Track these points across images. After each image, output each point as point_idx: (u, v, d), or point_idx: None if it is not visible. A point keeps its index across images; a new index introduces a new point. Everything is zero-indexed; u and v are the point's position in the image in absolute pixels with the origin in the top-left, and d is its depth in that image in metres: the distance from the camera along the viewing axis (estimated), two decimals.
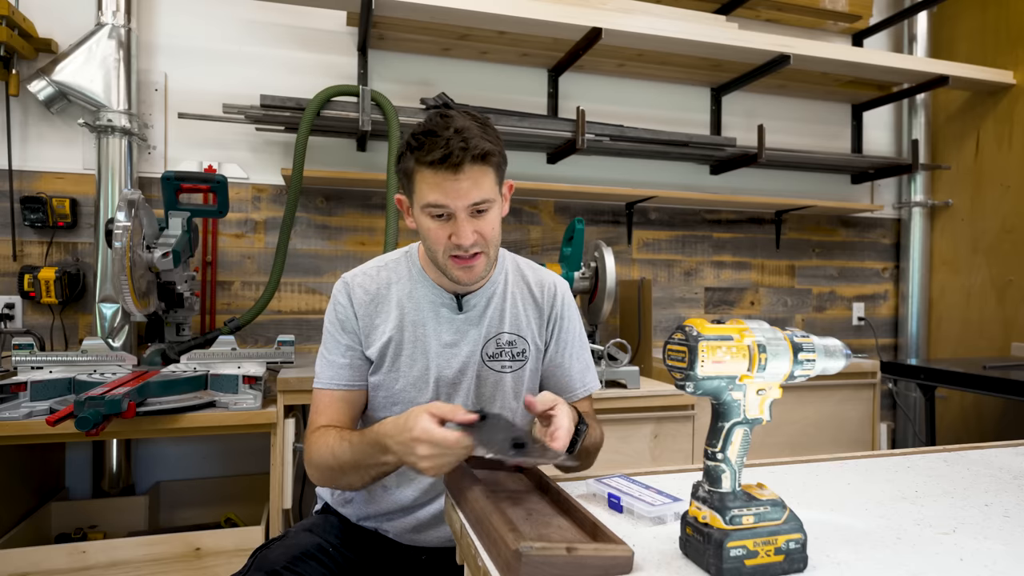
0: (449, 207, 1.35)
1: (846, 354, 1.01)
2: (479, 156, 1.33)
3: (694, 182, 3.78)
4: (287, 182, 2.91)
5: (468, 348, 1.54)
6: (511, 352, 1.57)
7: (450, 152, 1.30)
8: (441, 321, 1.53)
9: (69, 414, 1.84)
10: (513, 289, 1.60)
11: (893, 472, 1.44)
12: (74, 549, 2.04)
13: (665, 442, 2.68)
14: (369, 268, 1.58)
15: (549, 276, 1.67)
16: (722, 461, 0.93)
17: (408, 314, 1.53)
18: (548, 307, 1.62)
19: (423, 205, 1.37)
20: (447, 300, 1.53)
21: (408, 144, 1.37)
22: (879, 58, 3.53)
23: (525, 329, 1.59)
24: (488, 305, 1.56)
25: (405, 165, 1.39)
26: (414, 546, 1.58)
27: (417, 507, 1.56)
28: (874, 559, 0.96)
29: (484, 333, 1.55)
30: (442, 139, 1.31)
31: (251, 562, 1.41)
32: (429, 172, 1.34)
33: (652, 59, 3.39)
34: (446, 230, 1.38)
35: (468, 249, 1.38)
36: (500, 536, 0.91)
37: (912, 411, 4.06)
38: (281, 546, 1.45)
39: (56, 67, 2.72)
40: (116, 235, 2.22)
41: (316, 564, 1.44)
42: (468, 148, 1.31)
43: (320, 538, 1.52)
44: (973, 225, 3.90)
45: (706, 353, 0.90)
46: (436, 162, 1.31)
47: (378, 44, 3.19)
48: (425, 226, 1.41)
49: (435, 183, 1.34)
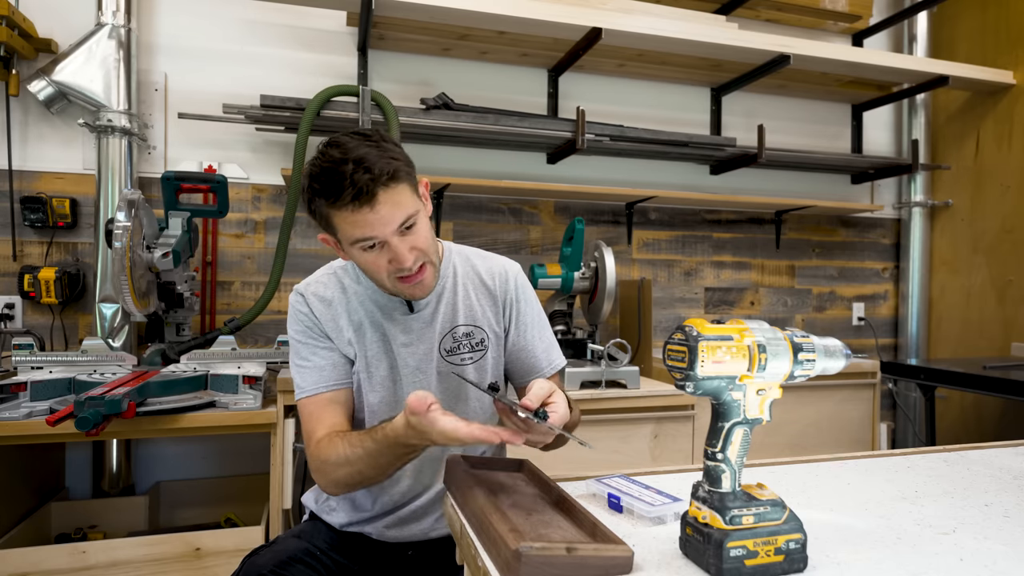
0: (378, 237, 1.31)
1: (846, 354, 1.01)
2: (388, 178, 1.28)
3: (694, 182, 3.77)
4: (287, 182, 2.91)
5: (424, 347, 1.53)
6: (469, 344, 1.56)
7: (359, 188, 1.25)
8: (395, 322, 1.53)
9: (69, 414, 1.84)
10: (464, 281, 1.59)
11: (893, 472, 1.44)
12: (74, 549, 2.04)
13: (665, 442, 2.68)
14: (320, 276, 1.57)
15: (499, 262, 1.66)
16: (722, 461, 0.93)
17: (365, 317, 1.52)
18: (502, 293, 1.61)
19: (352, 242, 1.33)
20: (397, 304, 1.52)
21: (312, 188, 1.30)
22: (879, 58, 3.53)
23: (481, 318, 1.58)
24: (439, 302, 1.55)
25: (318, 209, 1.33)
26: (399, 543, 1.58)
27: (399, 507, 1.57)
28: (874, 559, 0.96)
29: (439, 330, 1.54)
30: (345, 176, 1.25)
31: (241, 568, 1.42)
32: (347, 212, 1.28)
33: (652, 59, 3.39)
34: (384, 257, 1.35)
35: (411, 268, 1.35)
36: (500, 536, 0.91)
37: (912, 411, 4.06)
38: (269, 552, 1.46)
39: (56, 67, 2.72)
40: (116, 235, 2.22)
41: (303, 567, 1.44)
42: (375, 176, 1.26)
43: (308, 543, 1.53)
44: (973, 225, 3.90)
45: (706, 353, 0.90)
46: (348, 202, 1.26)
47: (378, 44, 3.19)
48: (362, 260, 1.37)
49: (355, 221, 1.29)
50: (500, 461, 1.36)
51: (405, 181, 1.33)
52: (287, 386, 2.32)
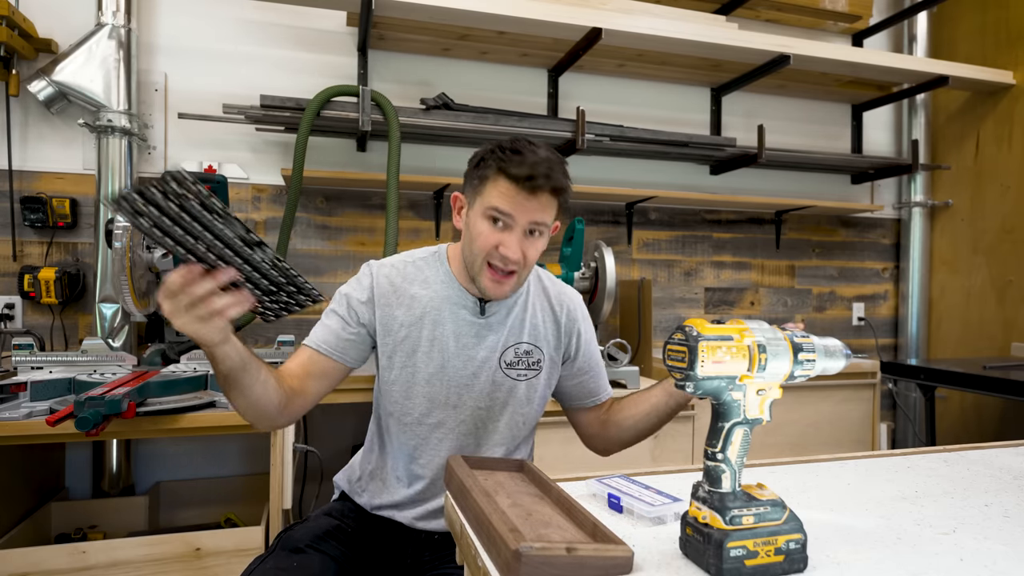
0: (513, 218, 1.41)
1: (846, 354, 1.01)
2: (556, 190, 1.42)
3: (694, 182, 3.78)
4: (287, 182, 2.91)
5: (485, 352, 1.57)
6: (528, 361, 1.61)
7: (535, 176, 1.38)
8: (460, 322, 1.56)
9: (69, 414, 1.84)
10: (534, 300, 1.65)
11: (893, 472, 1.44)
12: (74, 549, 2.04)
13: (665, 442, 2.68)
14: (396, 260, 1.62)
15: (568, 291, 1.74)
16: (722, 461, 0.93)
17: (429, 312, 1.56)
18: (567, 322, 1.68)
19: (487, 207, 1.43)
20: (470, 303, 1.57)
21: (493, 152, 1.43)
22: (879, 58, 3.53)
23: (543, 340, 1.64)
24: (510, 313, 1.60)
25: (483, 170, 1.44)
26: (426, 530, 1.62)
27: (427, 499, 1.61)
28: (874, 559, 0.96)
29: (504, 340, 1.59)
30: (529, 162, 1.38)
31: (277, 542, 1.51)
32: (506, 183, 1.40)
33: (652, 59, 3.39)
34: (496, 237, 1.43)
35: (509, 263, 1.43)
36: (500, 536, 0.91)
37: (912, 411, 4.06)
38: (303, 527, 1.55)
39: (56, 67, 2.71)
40: (116, 235, 2.22)
41: (335, 543, 1.53)
42: (551, 179, 1.39)
43: (339, 521, 1.61)
44: (973, 225, 3.90)
45: (706, 353, 0.90)
46: (520, 178, 1.38)
47: (378, 44, 3.19)
48: (478, 228, 1.45)
49: (508, 194, 1.40)
50: (500, 461, 1.36)
51: (559, 205, 1.46)
52: None
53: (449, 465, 1.27)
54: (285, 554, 1.44)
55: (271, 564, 1.41)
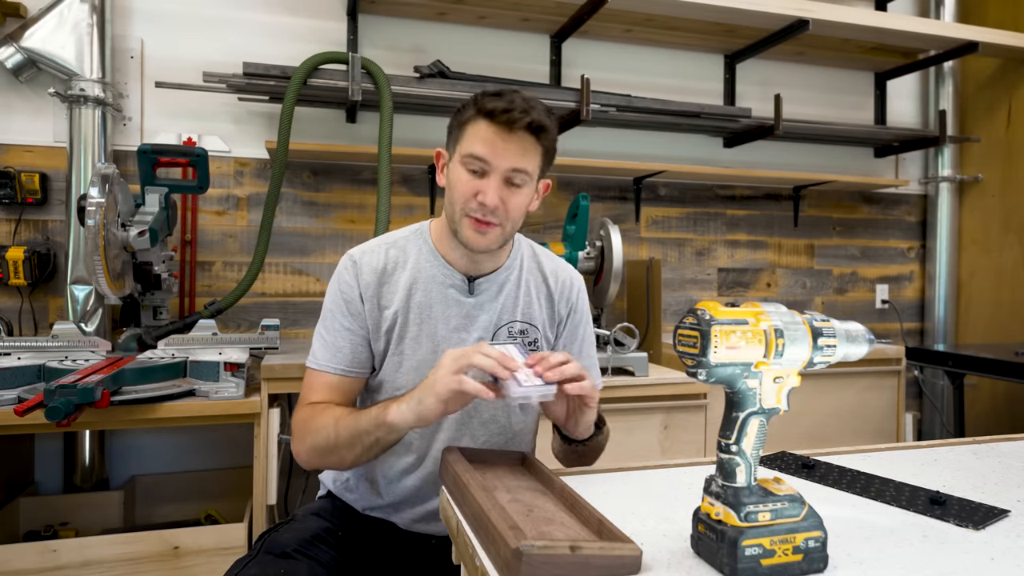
0: (490, 164, 1.41)
1: (869, 339, 1.01)
2: (535, 127, 1.41)
3: (706, 156, 3.76)
4: (271, 156, 2.90)
5: (477, 334, 1.56)
6: (523, 341, 1.60)
7: (511, 110, 1.39)
8: (449, 304, 1.56)
9: (39, 403, 1.84)
10: (527, 276, 1.64)
11: (919, 465, 1.43)
12: (44, 548, 2.05)
13: (675, 433, 2.68)
14: (376, 245, 1.60)
15: (566, 268, 1.72)
16: (737, 454, 0.93)
17: (415, 295, 1.55)
18: (562, 301, 1.67)
19: (464, 155, 1.43)
20: (458, 282, 1.56)
21: (473, 98, 1.46)
22: (904, 23, 3.50)
23: (537, 318, 1.63)
24: (501, 291, 1.59)
25: (461, 117, 1.46)
26: (425, 534, 1.61)
27: (424, 498, 1.59)
28: (899, 559, 0.96)
29: (495, 320, 1.58)
30: (508, 99, 1.41)
31: (260, 545, 1.46)
32: (483, 123, 1.41)
33: (661, 24, 3.37)
34: (475, 186, 1.43)
35: (488, 213, 1.43)
36: (499, 534, 0.91)
37: (939, 400, 4.06)
38: (291, 529, 1.51)
39: (25, 33, 2.69)
40: (89, 212, 2.21)
41: (326, 547, 1.49)
42: (529, 114, 1.40)
43: (328, 522, 1.58)
44: (1004, 201, 3.89)
45: (719, 338, 0.90)
46: (496, 112, 1.39)
47: (369, 8, 3.16)
48: (456, 177, 1.46)
49: (485, 137, 1.41)
50: (499, 453, 1.36)
51: (542, 149, 1.46)
52: (271, 373, 2.32)
53: (444, 458, 1.27)
54: (270, 559, 1.41)
55: (255, 570, 1.38)
